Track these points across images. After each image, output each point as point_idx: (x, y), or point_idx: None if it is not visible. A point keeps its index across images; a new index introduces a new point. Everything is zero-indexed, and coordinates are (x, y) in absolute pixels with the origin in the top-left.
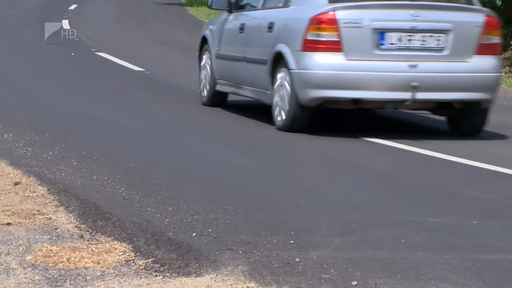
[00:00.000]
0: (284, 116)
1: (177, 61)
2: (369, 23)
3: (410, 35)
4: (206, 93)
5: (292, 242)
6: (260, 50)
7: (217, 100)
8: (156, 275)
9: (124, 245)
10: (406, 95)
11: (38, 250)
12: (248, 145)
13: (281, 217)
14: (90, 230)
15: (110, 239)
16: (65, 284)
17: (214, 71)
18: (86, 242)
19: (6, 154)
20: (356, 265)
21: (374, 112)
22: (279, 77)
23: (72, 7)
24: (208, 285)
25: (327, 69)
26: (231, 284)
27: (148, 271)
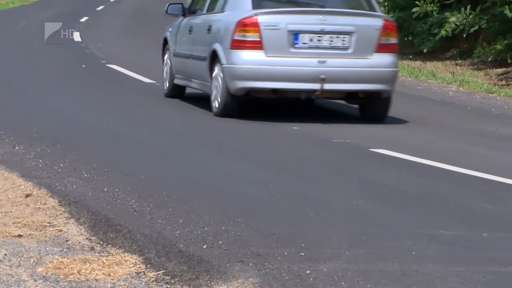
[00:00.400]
0: (218, 104)
1: None
2: (285, 26)
3: (320, 36)
4: (167, 87)
5: (303, 254)
6: (202, 49)
7: (176, 92)
8: (167, 287)
9: (135, 257)
10: (316, 86)
11: (49, 262)
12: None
13: (292, 229)
14: (101, 242)
15: (121, 251)
16: None
17: (173, 68)
18: (97, 254)
19: (18, 166)
20: (367, 278)
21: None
22: (215, 71)
23: (83, 19)
24: None
25: (251, 64)
26: None
27: (159, 283)
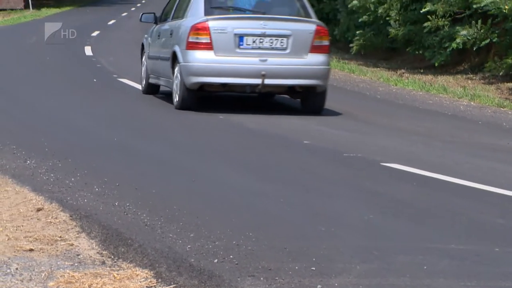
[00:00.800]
0: (177, 98)
1: None
2: (232, 30)
3: (261, 39)
4: (144, 84)
5: (314, 269)
6: (166, 50)
7: (152, 90)
8: None
9: (146, 272)
10: (258, 81)
11: (60, 276)
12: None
13: (303, 244)
14: (112, 256)
15: (132, 265)
16: None
17: (148, 68)
18: (108, 268)
19: (29, 180)
20: None
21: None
22: (175, 69)
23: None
24: None
25: (202, 62)
26: None
27: None
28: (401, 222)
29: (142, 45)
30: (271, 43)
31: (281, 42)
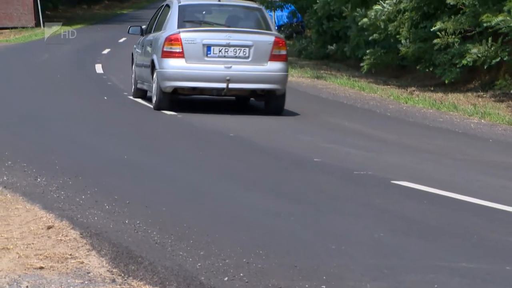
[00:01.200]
0: (155, 99)
1: (209, 105)
2: (201, 41)
3: (226, 48)
4: (133, 89)
5: (324, 287)
6: (148, 59)
7: (140, 94)
8: None
9: None
10: (223, 85)
11: None
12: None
13: (313, 262)
14: (122, 274)
15: (142, 283)
16: None
17: (136, 75)
18: (118, 286)
19: (39, 198)
20: None
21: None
22: (154, 75)
23: (105, 51)
24: None
25: (175, 69)
26: None
27: None
28: (412, 240)
29: (132, 54)
30: (235, 52)
31: (244, 52)
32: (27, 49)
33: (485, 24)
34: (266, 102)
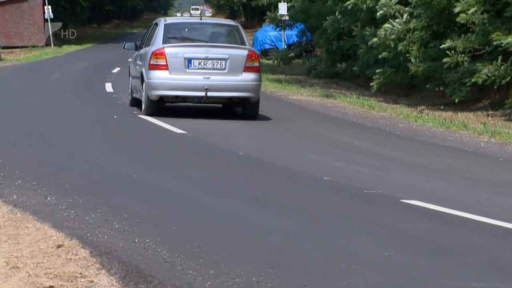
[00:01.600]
0: (144, 106)
1: (219, 123)
2: (183, 55)
3: (205, 61)
4: (130, 99)
5: None
6: (139, 71)
7: (135, 103)
8: None
9: None
10: (202, 94)
11: None
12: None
13: (323, 281)
14: None
15: None
16: None
17: (131, 86)
18: None
19: (49, 217)
20: None
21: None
22: (143, 85)
23: (115, 70)
24: None
25: (160, 80)
26: None
27: None
28: (421, 259)
29: (129, 68)
30: (213, 65)
31: (221, 64)
32: (37, 68)
33: (495, 43)
34: (243, 109)
